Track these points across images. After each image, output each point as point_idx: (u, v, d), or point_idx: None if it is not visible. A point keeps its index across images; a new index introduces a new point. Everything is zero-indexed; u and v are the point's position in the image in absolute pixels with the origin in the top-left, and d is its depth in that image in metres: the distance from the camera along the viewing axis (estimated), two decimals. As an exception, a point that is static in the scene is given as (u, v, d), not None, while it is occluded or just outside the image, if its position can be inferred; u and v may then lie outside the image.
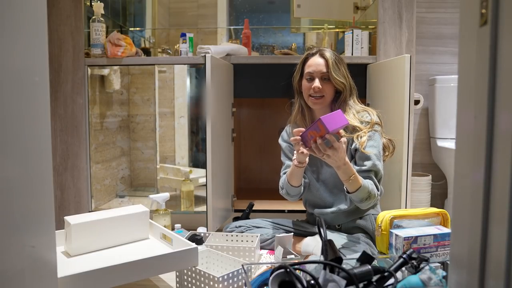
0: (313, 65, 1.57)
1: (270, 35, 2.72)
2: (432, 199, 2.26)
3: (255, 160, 2.71)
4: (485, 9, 0.56)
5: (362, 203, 1.47)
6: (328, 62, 1.54)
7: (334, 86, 1.56)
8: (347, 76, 1.58)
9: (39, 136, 0.73)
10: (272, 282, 0.87)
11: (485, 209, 0.57)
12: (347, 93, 1.58)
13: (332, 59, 1.54)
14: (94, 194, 2.18)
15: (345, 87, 1.56)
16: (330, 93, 1.57)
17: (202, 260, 1.34)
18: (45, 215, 0.75)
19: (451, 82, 2.27)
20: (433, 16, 2.39)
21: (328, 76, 1.54)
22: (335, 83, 1.55)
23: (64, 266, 1.21)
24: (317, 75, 1.55)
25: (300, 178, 1.57)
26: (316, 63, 1.56)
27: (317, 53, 1.58)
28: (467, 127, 0.62)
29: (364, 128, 1.53)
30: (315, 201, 1.68)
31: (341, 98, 1.58)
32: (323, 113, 1.58)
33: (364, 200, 1.46)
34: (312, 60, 1.58)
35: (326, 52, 1.56)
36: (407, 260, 1.00)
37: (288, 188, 1.61)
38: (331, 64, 1.53)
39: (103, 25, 2.07)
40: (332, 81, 1.54)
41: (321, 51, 1.58)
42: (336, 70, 1.54)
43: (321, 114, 1.58)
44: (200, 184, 2.46)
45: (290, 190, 1.60)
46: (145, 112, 2.70)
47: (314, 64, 1.56)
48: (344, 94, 1.57)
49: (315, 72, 1.55)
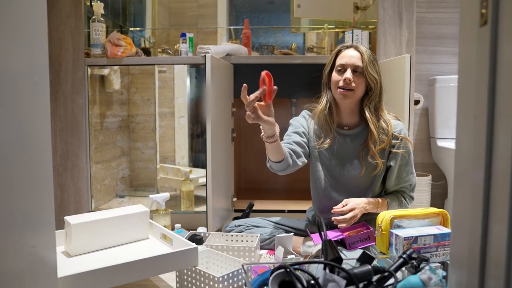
0: (346, 56, 1.50)
1: (270, 35, 2.72)
2: (432, 199, 2.26)
3: (255, 160, 2.71)
4: (485, 9, 0.56)
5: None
6: (363, 56, 1.48)
7: (366, 83, 1.50)
8: (380, 75, 1.52)
9: (39, 136, 0.73)
10: (272, 282, 0.87)
11: (485, 209, 0.57)
12: (377, 91, 1.51)
13: (368, 54, 1.49)
14: (94, 194, 2.18)
15: (377, 84, 1.49)
16: (361, 88, 1.49)
17: (202, 260, 1.34)
18: (45, 215, 0.75)
19: (451, 82, 2.27)
20: (433, 16, 2.39)
21: (361, 69, 1.48)
22: (368, 77, 1.48)
23: (64, 266, 1.21)
24: (349, 67, 1.48)
25: (278, 154, 1.45)
26: (350, 55, 1.50)
27: (351, 46, 1.53)
28: (467, 127, 0.62)
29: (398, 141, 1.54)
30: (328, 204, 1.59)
31: (371, 96, 1.51)
32: (349, 110, 1.55)
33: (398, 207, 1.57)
34: (346, 52, 1.52)
35: (361, 47, 1.51)
36: (407, 260, 1.00)
37: (269, 162, 1.51)
38: (366, 57, 1.48)
39: (103, 25, 2.07)
40: (366, 75, 1.48)
41: (356, 45, 1.53)
42: (371, 66, 1.49)
43: (347, 111, 1.56)
44: (200, 184, 2.46)
45: (272, 165, 1.51)
46: (145, 112, 2.70)
47: (348, 55, 1.50)
48: (375, 91, 1.50)
49: (348, 63, 1.48)
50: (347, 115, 1.56)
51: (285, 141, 1.58)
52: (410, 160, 1.57)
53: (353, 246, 1.45)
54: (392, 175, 1.56)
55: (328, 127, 1.57)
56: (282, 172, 1.52)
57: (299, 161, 1.54)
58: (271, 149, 1.43)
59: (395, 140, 1.52)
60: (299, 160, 1.54)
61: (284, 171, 1.51)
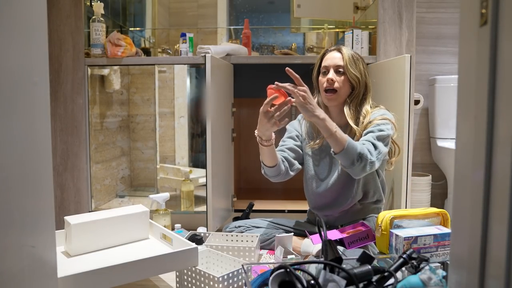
0: (329, 58, 1.58)
1: (270, 35, 2.72)
2: (432, 199, 2.26)
3: (255, 160, 2.70)
4: (485, 9, 0.56)
5: (354, 166, 1.38)
6: (344, 56, 1.55)
7: (349, 83, 1.55)
8: (364, 74, 1.57)
9: (39, 136, 0.73)
10: (272, 282, 0.87)
11: (485, 209, 0.57)
12: (361, 90, 1.56)
13: (348, 54, 1.55)
14: (94, 194, 2.18)
15: (359, 83, 1.54)
16: (345, 88, 1.55)
17: (202, 260, 1.34)
18: (45, 215, 0.75)
19: (451, 82, 2.27)
20: (433, 16, 2.39)
21: (343, 69, 1.54)
22: (349, 76, 1.53)
23: (64, 266, 1.20)
24: (332, 68, 1.56)
25: (271, 158, 1.50)
26: (332, 56, 1.57)
27: (335, 49, 1.60)
28: (467, 127, 0.62)
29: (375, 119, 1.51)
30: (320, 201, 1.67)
31: (354, 94, 1.55)
32: (337, 110, 1.59)
33: (356, 163, 1.37)
34: (329, 54, 1.59)
35: (343, 48, 1.58)
36: (407, 260, 1.00)
37: (264, 168, 1.56)
38: (347, 57, 1.54)
39: (103, 25, 2.07)
40: (347, 74, 1.53)
41: (339, 47, 1.60)
42: (352, 65, 1.54)
43: (335, 112, 1.60)
44: (200, 184, 2.46)
45: (265, 169, 1.55)
46: (145, 112, 2.70)
47: (331, 57, 1.57)
48: (358, 90, 1.55)
49: (330, 65, 1.56)
50: (337, 115, 1.61)
51: (280, 148, 1.65)
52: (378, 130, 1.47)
53: (352, 245, 1.45)
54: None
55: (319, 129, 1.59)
56: (275, 178, 1.58)
57: (292, 169, 1.60)
58: (265, 153, 1.49)
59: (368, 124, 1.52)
60: (292, 168, 1.60)
61: (276, 177, 1.56)
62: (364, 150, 1.39)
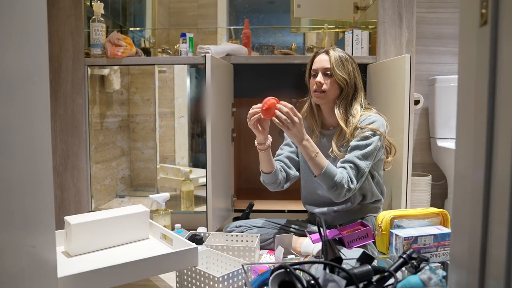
0: (318, 61, 1.61)
1: (270, 35, 2.72)
2: (432, 199, 2.26)
3: (255, 160, 2.70)
4: (485, 9, 0.56)
5: (331, 192, 1.45)
6: (331, 59, 1.57)
7: (337, 84, 1.58)
8: (353, 75, 1.59)
9: (39, 136, 0.73)
10: (272, 282, 0.87)
11: (485, 209, 0.57)
12: (350, 91, 1.58)
13: (335, 56, 1.57)
14: (94, 194, 2.18)
15: (347, 84, 1.57)
16: (333, 89, 1.58)
17: (202, 260, 1.34)
18: (45, 215, 0.75)
19: (451, 82, 2.27)
20: (433, 16, 2.39)
21: (330, 71, 1.57)
22: (336, 78, 1.56)
23: (64, 266, 1.20)
24: (320, 70, 1.59)
25: (268, 164, 1.56)
26: (321, 59, 1.60)
27: (323, 52, 1.62)
28: (467, 127, 0.62)
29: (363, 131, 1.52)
30: (313, 199, 1.69)
31: (343, 95, 1.58)
32: (328, 110, 1.63)
33: (331, 189, 1.44)
34: (318, 57, 1.62)
35: (331, 50, 1.60)
36: (407, 260, 1.00)
37: (262, 175, 1.61)
38: (333, 59, 1.57)
39: (103, 25, 2.07)
40: (334, 76, 1.56)
41: (327, 49, 1.62)
42: (339, 66, 1.57)
43: (327, 112, 1.65)
44: (200, 184, 2.46)
45: (263, 176, 1.61)
46: (145, 112, 2.70)
47: (319, 60, 1.61)
48: (346, 90, 1.58)
49: (318, 68, 1.59)
50: (329, 115, 1.65)
51: (277, 158, 1.69)
52: (364, 146, 1.49)
53: (352, 244, 1.45)
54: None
55: (313, 129, 1.67)
56: (271, 186, 1.62)
57: (290, 177, 1.65)
58: (262, 158, 1.55)
59: (357, 131, 1.53)
60: (289, 177, 1.64)
61: (273, 185, 1.61)
62: (342, 179, 1.43)
